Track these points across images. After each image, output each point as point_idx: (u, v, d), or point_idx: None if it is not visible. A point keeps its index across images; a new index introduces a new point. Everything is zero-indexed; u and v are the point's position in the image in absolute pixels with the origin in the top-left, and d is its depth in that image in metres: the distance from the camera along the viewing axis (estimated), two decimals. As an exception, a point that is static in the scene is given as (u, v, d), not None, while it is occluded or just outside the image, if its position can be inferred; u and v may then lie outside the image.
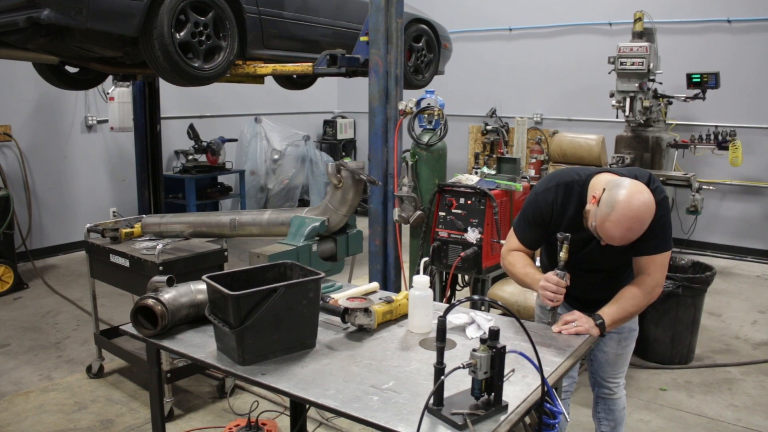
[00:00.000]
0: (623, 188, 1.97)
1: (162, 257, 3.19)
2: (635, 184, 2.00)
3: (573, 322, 2.11)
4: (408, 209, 3.58)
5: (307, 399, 1.66)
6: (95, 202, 6.76)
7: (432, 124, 3.69)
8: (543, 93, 7.63)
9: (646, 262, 2.15)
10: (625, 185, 1.98)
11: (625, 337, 2.46)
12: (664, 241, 2.14)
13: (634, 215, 1.94)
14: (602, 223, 1.99)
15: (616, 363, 2.50)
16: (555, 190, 2.20)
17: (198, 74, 3.74)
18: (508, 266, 2.35)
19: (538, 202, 2.24)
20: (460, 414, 1.51)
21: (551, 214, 2.21)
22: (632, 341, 2.50)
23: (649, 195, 1.99)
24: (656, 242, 2.12)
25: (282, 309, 1.86)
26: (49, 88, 5.22)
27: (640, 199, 1.95)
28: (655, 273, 2.15)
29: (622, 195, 1.95)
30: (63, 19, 3.19)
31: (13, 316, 4.85)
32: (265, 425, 3.03)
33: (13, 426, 3.27)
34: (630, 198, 1.94)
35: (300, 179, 8.01)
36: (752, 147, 6.28)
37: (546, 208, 2.21)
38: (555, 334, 2.09)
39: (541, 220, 2.24)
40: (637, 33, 5.52)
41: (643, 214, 1.96)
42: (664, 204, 2.11)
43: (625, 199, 1.94)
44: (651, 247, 2.13)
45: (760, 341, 4.41)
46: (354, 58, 3.89)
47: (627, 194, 1.95)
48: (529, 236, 2.31)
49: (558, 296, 2.12)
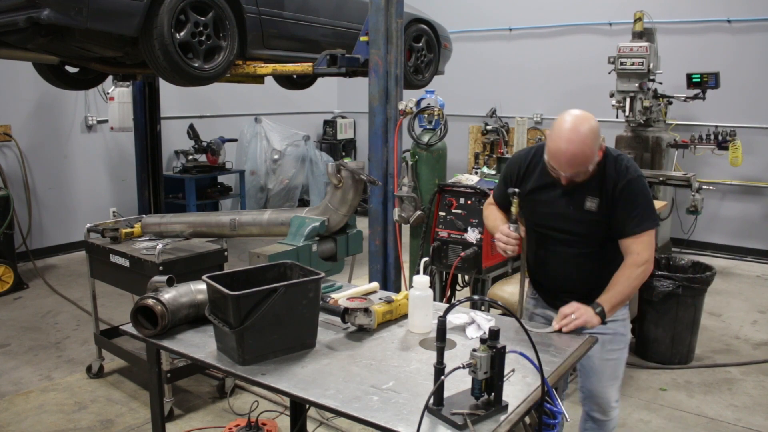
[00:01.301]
0: (566, 113, 2.11)
1: (162, 257, 3.19)
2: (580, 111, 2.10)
3: (571, 314, 2.10)
4: (408, 209, 3.58)
5: (307, 399, 1.66)
6: (95, 202, 6.76)
7: (432, 124, 3.70)
8: (543, 93, 7.62)
9: (630, 242, 2.18)
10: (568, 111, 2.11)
11: (610, 340, 2.29)
12: (646, 219, 2.16)
13: (572, 127, 2.05)
14: (548, 147, 2.12)
15: (603, 371, 2.34)
16: (527, 151, 2.39)
17: (198, 74, 3.74)
18: (484, 218, 2.56)
19: (511, 161, 2.43)
20: (460, 414, 1.51)
21: (518, 171, 2.35)
22: (620, 347, 2.35)
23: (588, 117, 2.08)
24: (637, 220, 2.15)
25: (282, 309, 1.86)
26: (49, 88, 5.22)
27: (576, 115, 2.07)
28: (643, 251, 2.16)
29: (562, 116, 2.11)
30: (63, 19, 3.19)
31: (13, 316, 4.85)
32: (265, 425, 3.03)
33: (13, 426, 3.27)
34: (567, 116, 2.08)
35: (300, 179, 8.01)
36: (752, 147, 6.28)
37: (515, 167, 2.37)
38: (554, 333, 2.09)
39: (510, 177, 2.38)
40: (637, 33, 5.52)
41: (580, 126, 2.05)
42: (640, 181, 2.17)
43: (563, 117, 2.09)
44: (633, 225, 2.15)
45: (760, 341, 4.41)
46: (354, 58, 3.89)
47: (566, 114, 2.10)
48: (499, 192, 2.47)
49: (509, 246, 2.26)
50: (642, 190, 2.18)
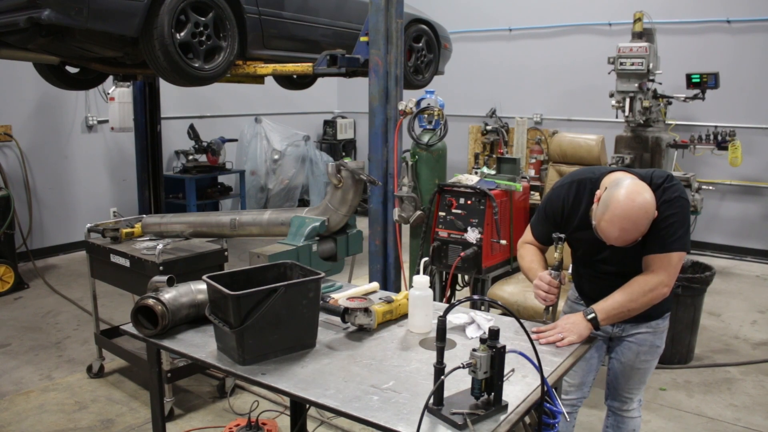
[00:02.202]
0: (621, 187, 1.95)
1: (162, 257, 3.19)
2: (635, 183, 1.97)
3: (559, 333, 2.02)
4: (408, 209, 3.58)
5: (307, 399, 1.67)
6: (95, 202, 6.76)
7: (432, 124, 3.70)
8: (543, 93, 7.63)
9: (650, 260, 2.09)
10: (624, 184, 1.96)
11: (645, 351, 2.34)
12: (671, 241, 2.05)
13: (626, 215, 1.92)
14: (599, 222, 2.00)
15: (631, 377, 2.39)
16: (568, 187, 2.23)
17: (198, 74, 3.74)
18: (519, 257, 2.40)
19: (551, 198, 2.29)
20: (460, 414, 1.51)
21: (562, 211, 2.23)
22: (652, 357, 2.37)
23: (648, 196, 1.95)
24: (661, 241, 2.05)
25: (282, 309, 1.86)
26: (49, 89, 5.22)
27: (634, 199, 1.92)
28: (659, 271, 2.06)
29: (617, 194, 1.94)
30: (63, 20, 3.19)
31: (14, 316, 4.85)
32: (265, 425, 3.03)
33: (14, 426, 3.28)
34: (624, 197, 1.93)
35: (300, 179, 8.02)
36: (752, 147, 6.28)
37: (558, 204, 2.24)
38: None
39: (552, 216, 2.27)
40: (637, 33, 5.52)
41: (636, 215, 1.93)
42: (676, 203, 2.05)
43: (619, 199, 1.93)
44: (655, 246, 2.06)
45: (759, 341, 4.42)
46: (354, 58, 3.89)
47: (623, 194, 1.94)
48: (540, 230, 2.34)
49: (549, 296, 2.15)
50: (676, 212, 2.05)
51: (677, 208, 2.05)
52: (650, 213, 1.96)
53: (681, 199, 2.06)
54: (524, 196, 3.91)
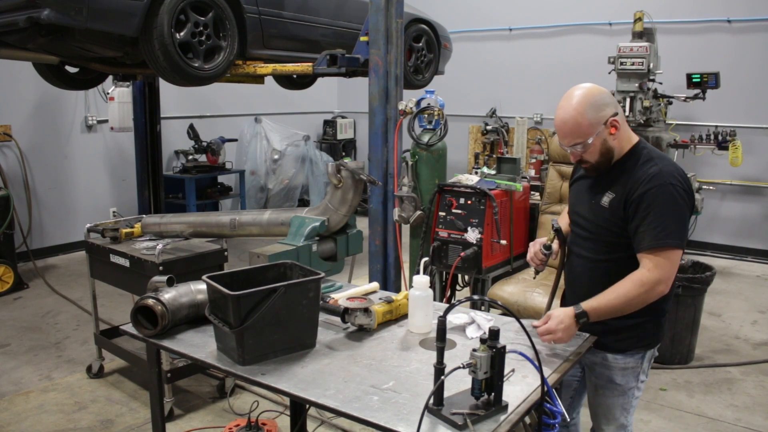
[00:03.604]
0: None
1: (162, 257, 3.19)
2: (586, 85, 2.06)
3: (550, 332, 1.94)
4: (408, 209, 3.58)
5: (307, 399, 1.66)
6: (95, 202, 6.76)
7: (432, 124, 3.69)
8: (543, 93, 7.62)
9: (643, 257, 1.95)
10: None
11: (602, 385, 2.16)
12: (666, 235, 1.90)
13: (567, 94, 2.03)
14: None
15: (596, 411, 2.23)
16: None
17: (198, 74, 3.74)
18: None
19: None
20: (460, 414, 1.51)
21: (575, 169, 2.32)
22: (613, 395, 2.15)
23: (588, 86, 2.04)
24: (655, 233, 1.90)
25: (282, 309, 1.86)
26: (49, 88, 5.22)
27: (577, 85, 2.03)
28: (654, 270, 1.91)
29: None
30: (63, 19, 3.19)
31: (13, 316, 4.85)
32: (265, 425, 3.03)
33: (13, 426, 3.27)
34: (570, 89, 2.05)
35: (300, 179, 8.01)
36: (752, 147, 6.28)
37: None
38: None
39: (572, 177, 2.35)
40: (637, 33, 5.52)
41: (574, 92, 2.02)
42: (670, 190, 1.91)
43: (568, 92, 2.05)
44: (648, 239, 1.92)
45: (760, 341, 4.42)
46: (354, 58, 3.89)
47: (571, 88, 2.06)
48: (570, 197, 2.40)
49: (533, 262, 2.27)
50: (669, 200, 1.91)
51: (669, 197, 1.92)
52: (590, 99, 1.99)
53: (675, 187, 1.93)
54: (524, 196, 3.90)
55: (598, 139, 1.99)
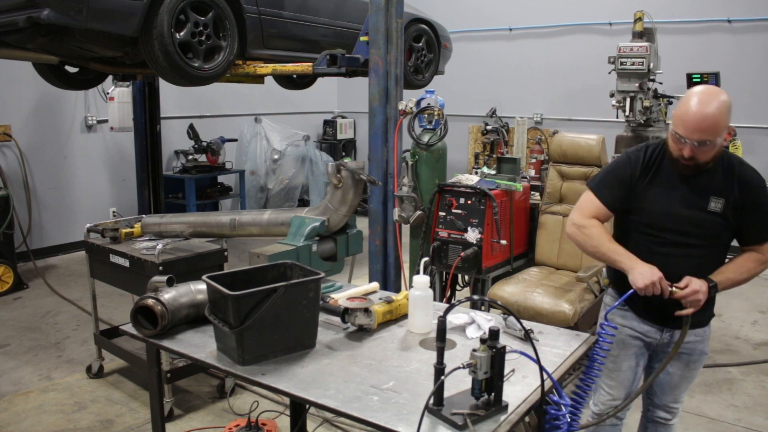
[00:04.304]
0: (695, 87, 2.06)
1: (162, 257, 3.19)
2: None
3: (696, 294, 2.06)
4: (408, 209, 3.58)
5: (307, 399, 1.66)
6: (95, 202, 6.76)
7: (432, 124, 3.69)
8: (543, 93, 7.62)
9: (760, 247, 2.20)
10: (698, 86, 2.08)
11: (695, 359, 2.33)
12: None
13: (706, 90, 2.01)
14: (676, 113, 2.04)
15: (679, 386, 2.37)
16: (637, 149, 2.26)
17: (198, 74, 3.74)
18: (585, 238, 2.19)
19: (620, 161, 2.26)
20: (460, 414, 1.51)
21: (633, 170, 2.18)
22: (701, 365, 2.36)
23: (723, 91, 2.02)
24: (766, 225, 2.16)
25: (282, 309, 1.86)
26: (49, 88, 5.22)
27: (711, 86, 2.06)
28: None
29: (693, 88, 2.05)
30: (63, 19, 3.19)
31: (13, 316, 4.85)
32: (265, 425, 3.03)
33: (13, 426, 3.27)
34: (700, 87, 2.04)
35: (300, 179, 8.01)
36: (752, 147, 6.28)
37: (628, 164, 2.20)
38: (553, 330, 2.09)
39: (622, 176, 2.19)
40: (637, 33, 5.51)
41: (715, 92, 2.00)
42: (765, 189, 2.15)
43: (695, 88, 2.05)
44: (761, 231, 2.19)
45: (760, 341, 4.41)
46: (354, 58, 3.89)
47: (698, 87, 2.05)
48: (614, 195, 2.20)
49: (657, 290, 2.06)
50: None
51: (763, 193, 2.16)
52: (728, 104, 2.00)
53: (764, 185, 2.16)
54: (524, 196, 3.90)
55: (720, 141, 2.06)
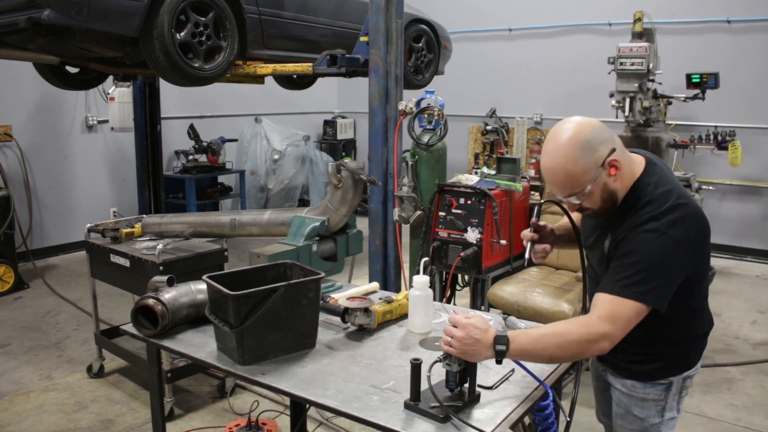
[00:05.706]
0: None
1: (162, 257, 3.19)
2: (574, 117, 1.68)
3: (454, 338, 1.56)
4: (408, 209, 3.58)
5: (308, 399, 1.67)
6: (95, 202, 6.76)
7: (432, 124, 3.70)
8: (543, 93, 7.62)
9: (598, 299, 1.63)
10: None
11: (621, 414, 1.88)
12: (632, 283, 1.59)
13: (551, 138, 1.65)
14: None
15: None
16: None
17: (198, 74, 3.74)
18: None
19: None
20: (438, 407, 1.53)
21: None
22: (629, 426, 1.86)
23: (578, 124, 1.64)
24: (620, 278, 1.61)
25: (282, 309, 1.86)
26: (49, 88, 5.22)
27: (563, 122, 1.66)
28: (605, 321, 1.57)
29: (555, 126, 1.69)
30: (63, 19, 3.20)
31: (14, 316, 4.85)
32: (265, 425, 3.03)
33: (14, 426, 3.27)
34: (558, 124, 1.68)
35: (300, 179, 8.01)
36: (752, 147, 6.28)
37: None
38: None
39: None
40: (637, 33, 5.52)
41: (561, 135, 1.63)
42: (659, 241, 1.61)
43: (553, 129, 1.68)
44: (611, 282, 1.63)
45: (759, 341, 4.42)
46: (354, 58, 3.89)
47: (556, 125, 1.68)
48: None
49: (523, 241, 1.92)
50: (652, 251, 1.60)
51: (654, 247, 1.61)
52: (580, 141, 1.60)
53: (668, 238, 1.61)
54: (524, 196, 3.90)
55: (597, 185, 1.63)
